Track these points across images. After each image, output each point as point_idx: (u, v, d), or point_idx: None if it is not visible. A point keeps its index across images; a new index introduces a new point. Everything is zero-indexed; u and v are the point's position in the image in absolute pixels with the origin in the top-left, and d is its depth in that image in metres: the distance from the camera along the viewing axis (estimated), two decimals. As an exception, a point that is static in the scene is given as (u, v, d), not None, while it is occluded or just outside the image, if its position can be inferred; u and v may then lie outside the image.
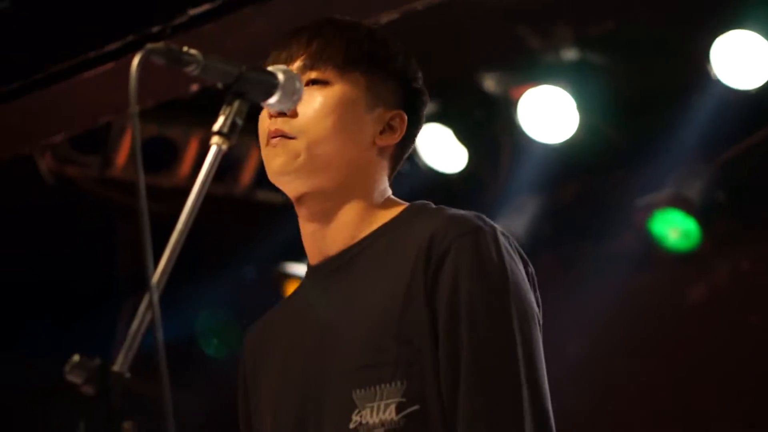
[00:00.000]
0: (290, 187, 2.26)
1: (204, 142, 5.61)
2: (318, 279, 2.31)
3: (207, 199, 1.88)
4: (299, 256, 5.76)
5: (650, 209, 4.98)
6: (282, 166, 2.22)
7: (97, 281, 6.22)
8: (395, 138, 2.31)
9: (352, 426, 2.13)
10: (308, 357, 2.24)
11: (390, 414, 2.10)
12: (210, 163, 1.88)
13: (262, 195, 5.65)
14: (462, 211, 2.23)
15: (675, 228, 4.96)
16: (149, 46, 1.82)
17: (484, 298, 2.11)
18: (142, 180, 1.76)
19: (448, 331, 2.10)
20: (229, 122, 1.91)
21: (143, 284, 1.75)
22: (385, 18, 3.69)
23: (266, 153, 2.24)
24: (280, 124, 2.22)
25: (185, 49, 1.87)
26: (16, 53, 4.02)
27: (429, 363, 2.11)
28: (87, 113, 4.31)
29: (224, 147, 1.90)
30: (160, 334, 1.72)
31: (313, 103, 2.23)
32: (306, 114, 2.22)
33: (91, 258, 6.19)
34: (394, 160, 2.35)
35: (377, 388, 2.12)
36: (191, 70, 1.89)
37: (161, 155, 5.51)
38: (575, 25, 4.91)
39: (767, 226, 4.97)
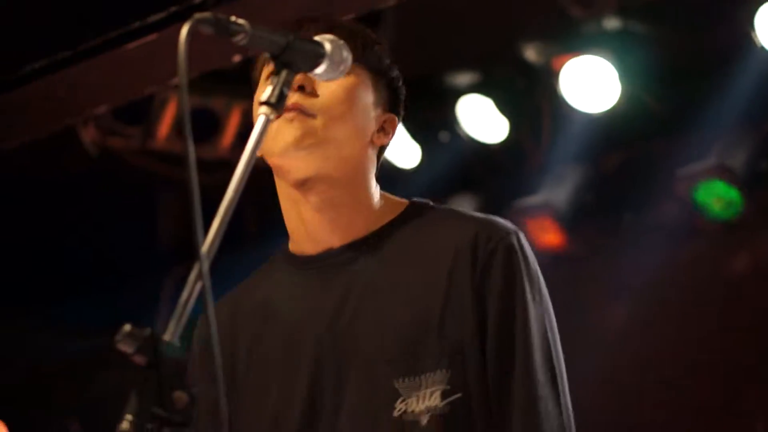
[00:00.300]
0: (299, 165, 2.25)
1: (246, 113, 5.62)
2: (319, 269, 2.31)
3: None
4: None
5: (693, 179, 4.95)
6: (298, 140, 2.22)
7: (140, 252, 6.25)
8: (387, 140, 2.37)
9: (396, 414, 2.17)
10: (320, 346, 2.24)
11: (435, 400, 2.16)
12: (258, 133, 1.87)
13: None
14: (485, 214, 2.33)
15: (718, 197, 4.93)
16: (198, 15, 1.82)
17: (530, 297, 2.23)
18: (191, 151, 1.76)
19: (501, 326, 2.21)
20: (276, 92, 1.90)
21: (186, 255, 1.76)
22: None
23: (279, 125, 2.23)
24: (300, 99, 2.22)
25: (233, 18, 1.86)
26: (60, 25, 4.03)
27: (471, 354, 2.19)
28: (131, 84, 4.32)
29: (272, 117, 1.89)
30: (211, 306, 1.73)
31: (331, 86, 2.24)
32: (326, 95, 2.24)
33: (133, 229, 6.22)
34: (378, 162, 2.39)
35: (421, 377, 2.17)
36: (239, 39, 1.88)
37: (203, 126, 5.52)
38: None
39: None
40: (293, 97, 2.21)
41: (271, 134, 2.22)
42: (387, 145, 2.39)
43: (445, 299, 2.20)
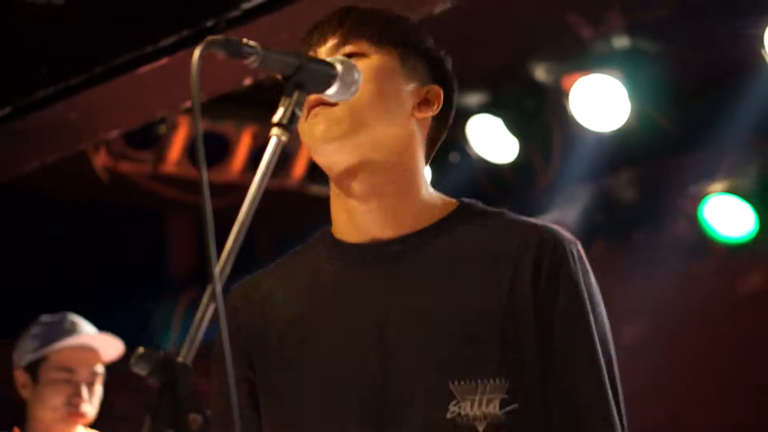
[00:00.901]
0: (336, 157, 2.22)
1: (256, 137, 5.63)
2: (364, 259, 2.27)
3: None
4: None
5: (704, 196, 4.94)
6: (325, 132, 2.19)
7: (152, 276, 6.26)
8: (432, 110, 2.30)
9: (449, 416, 2.14)
10: (367, 341, 2.22)
11: (494, 408, 2.14)
12: (270, 155, 1.87)
13: (315, 189, 5.67)
14: (536, 220, 2.31)
15: (729, 215, 4.93)
16: (210, 38, 1.83)
17: (592, 309, 2.21)
18: (204, 174, 1.76)
19: (561, 343, 2.19)
20: (288, 113, 1.90)
21: (198, 278, 1.75)
22: (438, 7, 3.68)
23: (308, 124, 2.21)
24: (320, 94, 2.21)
25: (245, 40, 1.87)
26: (72, 50, 4.05)
27: (530, 364, 2.16)
28: (142, 109, 4.33)
29: (284, 138, 1.89)
30: (224, 327, 1.73)
31: None
32: None
33: (144, 253, 6.23)
34: (431, 139, 2.34)
35: (478, 382, 2.14)
36: (251, 61, 1.88)
37: (214, 150, 5.53)
38: (626, 12, 4.88)
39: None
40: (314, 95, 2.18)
41: (304, 136, 2.22)
42: (436, 118, 2.31)
43: (508, 305, 2.17)
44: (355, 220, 2.25)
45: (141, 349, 1.68)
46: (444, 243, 2.23)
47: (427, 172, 2.34)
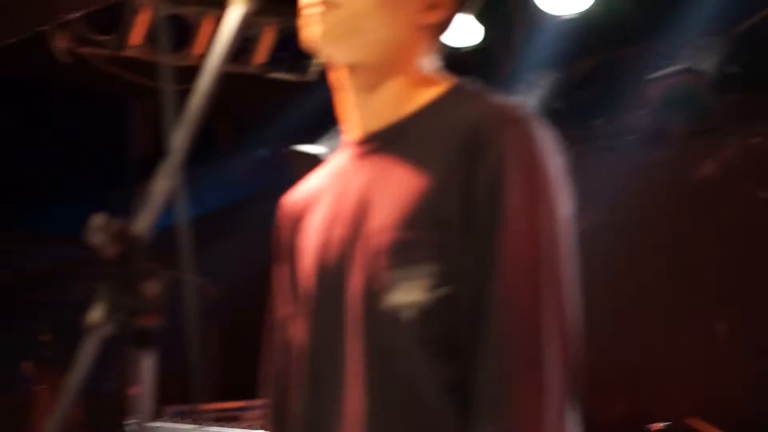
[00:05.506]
0: (335, 54, 2.25)
1: (218, 21, 5.58)
2: (356, 154, 2.30)
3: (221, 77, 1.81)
4: (312, 136, 5.80)
5: (664, 83, 4.95)
6: (324, 34, 2.20)
7: (111, 161, 6.25)
8: (436, 16, 2.29)
9: (383, 306, 2.14)
10: (343, 231, 2.26)
11: (421, 294, 2.12)
12: (233, 27, 1.82)
13: (276, 75, 5.64)
14: (506, 99, 2.23)
15: (688, 102, 4.95)
16: None
17: (523, 193, 2.10)
18: (166, 58, 1.75)
19: (485, 221, 2.10)
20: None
21: (159, 165, 1.75)
22: None
23: (309, 20, 2.21)
24: None
25: None
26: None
27: (460, 248, 2.10)
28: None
29: (248, 8, 1.86)
30: (183, 205, 1.73)
31: None
32: None
33: (107, 137, 6.21)
34: (437, 39, 2.34)
35: (411, 268, 2.12)
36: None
37: (175, 34, 5.49)
38: None
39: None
40: None
41: (304, 29, 2.21)
42: (444, 21, 2.30)
43: (441, 189, 2.12)
44: (354, 112, 2.28)
45: (99, 218, 1.68)
46: (423, 127, 2.23)
47: (433, 60, 2.33)
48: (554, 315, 2.10)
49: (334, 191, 2.33)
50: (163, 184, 1.73)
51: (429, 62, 2.30)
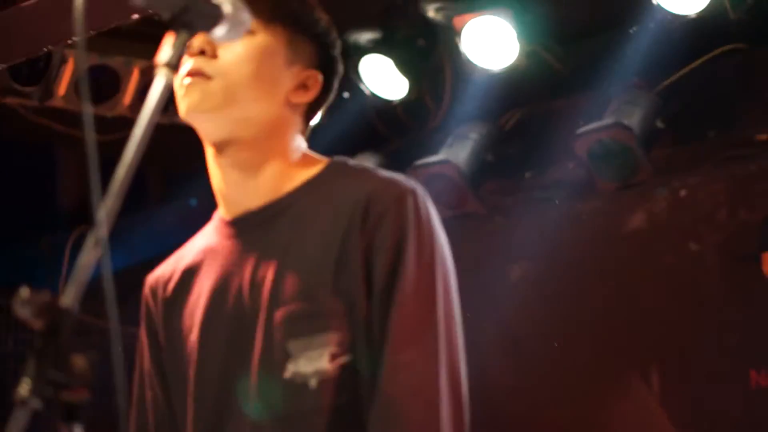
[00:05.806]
0: (206, 127, 2.27)
1: (146, 72, 5.56)
2: (239, 231, 2.32)
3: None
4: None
5: (591, 137, 4.99)
6: (197, 103, 2.24)
7: (40, 211, 6.19)
8: (308, 96, 2.36)
9: (287, 375, 2.17)
10: (236, 307, 2.26)
11: (323, 363, 2.16)
12: (159, 95, 1.85)
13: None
14: (392, 173, 2.31)
15: (615, 156, 4.98)
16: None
17: (416, 261, 2.19)
18: (88, 109, 1.74)
19: (382, 289, 2.18)
20: (175, 52, 1.89)
21: (88, 214, 1.74)
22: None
23: (183, 90, 2.24)
24: (200, 63, 2.24)
25: (131, -23, 1.85)
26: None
27: (360, 316, 2.17)
28: (27, 43, 4.26)
29: (172, 78, 1.88)
30: (108, 271, 1.72)
31: (235, 48, 2.25)
32: (226, 57, 2.25)
33: (34, 188, 6.15)
34: (306, 119, 2.38)
35: (312, 338, 2.17)
36: (139, -1, 1.87)
37: (103, 85, 5.45)
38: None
39: (703, 154, 4.99)
40: (194, 63, 2.21)
41: (179, 99, 2.23)
42: (311, 102, 2.36)
43: (339, 260, 2.20)
44: (229, 191, 2.31)
45: (25, 291, 1.65)
46: (302, 206, 2.27)
47: (301, 142, 2.36)
48: (448, 379, 2.16)
49: (215, 270, 2.33)
50: (90, 256, 1.72)
51: (300, 141, 2.34)
